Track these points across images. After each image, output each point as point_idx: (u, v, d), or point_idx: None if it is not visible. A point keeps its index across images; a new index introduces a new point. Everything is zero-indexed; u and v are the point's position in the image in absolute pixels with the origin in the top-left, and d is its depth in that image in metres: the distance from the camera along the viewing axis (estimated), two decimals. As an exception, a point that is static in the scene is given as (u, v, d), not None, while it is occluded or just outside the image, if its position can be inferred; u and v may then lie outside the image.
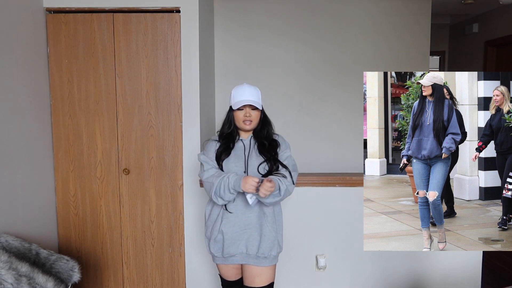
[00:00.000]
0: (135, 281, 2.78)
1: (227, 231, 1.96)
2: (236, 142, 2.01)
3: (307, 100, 3.77)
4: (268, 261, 2.00)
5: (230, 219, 1.96)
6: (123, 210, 2.73)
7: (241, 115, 1.95)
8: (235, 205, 1.96)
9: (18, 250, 1.86)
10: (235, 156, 1.98)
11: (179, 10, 2.60)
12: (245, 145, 2.01)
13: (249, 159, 1.97)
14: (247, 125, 1.95)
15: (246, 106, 1.94)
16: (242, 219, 1.96)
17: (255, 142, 2.01)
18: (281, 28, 3.72)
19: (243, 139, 2.02)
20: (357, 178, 2.69)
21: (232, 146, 1.99)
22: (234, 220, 1.96)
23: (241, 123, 1.96)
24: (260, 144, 1.99)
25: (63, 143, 2.68)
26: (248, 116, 1.94)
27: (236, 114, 1.96)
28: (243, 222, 1.96)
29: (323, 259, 2.73)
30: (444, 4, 4.51)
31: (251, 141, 2.02)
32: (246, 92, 1.93)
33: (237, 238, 1.97)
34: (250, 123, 1.95)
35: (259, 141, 1.99)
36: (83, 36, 2.61)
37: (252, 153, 1.98)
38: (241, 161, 1.97)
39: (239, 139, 2.03)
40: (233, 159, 1.97)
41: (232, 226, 1.96)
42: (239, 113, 1.95)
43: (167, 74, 2.64)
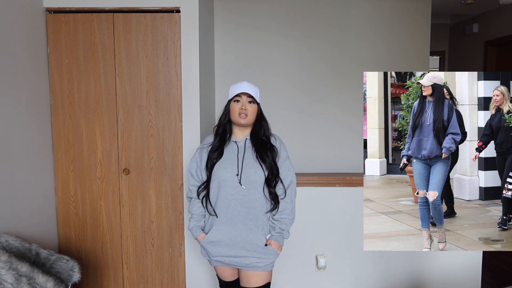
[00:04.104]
0: (135, 281, 2.78)
1: (214, 239, 1.90)
2: (228, 144, 1.92)
3: (306, 101, 3.77)
4: (263, 268, 1.92)
5: (219, 227, 1.89)
6: (123, 210, 2.73)
7: (237, 108, 1.86)
8: (225, 212, 1.88)
9: (18, 250, 1.85)
10: (226, 160, 1.88)
11: (179, 10, 2.60)
12: (239, 147, 1.90)
13: (244, 163, 1.87)
14: (242, 118, 1.85)
15: (243, 96, 1.86)
16: (231, 230, 1.89)
17: (252, 146, 1.90)
18: (280, 30, 3.72)
19: (237, 141, 1.92)
20: (357, 178, 2.69)
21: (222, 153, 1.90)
22: (223, 229, 1.89)
23: (236, 116, 1.86)
24: (258, 147, 1.89)
25: (63, 143, 2.68)
26: (244, 109, 1.85)
27: (232, 107, 1.88)
28: (232, 233, 1.89)
29: (323, 259, 2.73)
30: (444, 4, 4.51)
31: (246, 143, 1.91)
32: (244, 86, 1.88)
33: (227, 248, 1.90)
34: (246, 117, 1.86)
35: (257, 144, 1.89)
36: (83, 36, 2.61)
37: (249, 157, 1.88)
38: (233, 166, 1.87)
39: (232, 140, 1.93)
40: (223, 164, 1.88)
41: (221, 234, 1.89)
42: (235, 106, 1.87)
43: (167, 74, 2.64)
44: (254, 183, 1.85)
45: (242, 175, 1.85)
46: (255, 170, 1.86)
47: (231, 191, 1.86)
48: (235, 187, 1.85)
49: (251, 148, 1.90)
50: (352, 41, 3.75)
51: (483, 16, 4.89)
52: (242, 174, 1.85)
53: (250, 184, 1.85)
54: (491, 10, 4.70)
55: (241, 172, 1.85)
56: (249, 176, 1.85)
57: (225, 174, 1.86)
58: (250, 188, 1.85)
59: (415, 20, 3.77)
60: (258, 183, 1.86)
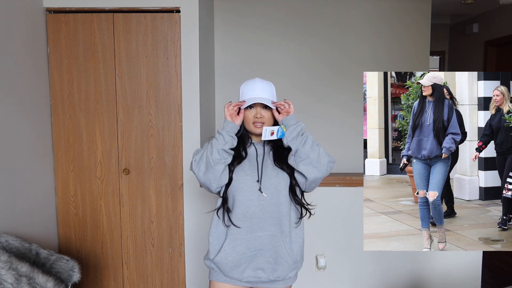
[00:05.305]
0: (135, 281, 2.78)
1: (231, 252, 1.65)
2: (248, 148, 1.71)
3: (307, 101, 3.76)
4: (284, 282, 1.70)
5: (237, 237, 1.65)
6: (123, 210, 2.73)
7: (251, 116, 1.64)
8: (242, 221, 1.65)
9: (18, 250, 1.85)
10: (245, 164, 1.69)
11: (179, 10, 2.60)
12: (258, 150, 1.70)
13: (264, 167, 1.67)
14: (258, 127, 1.64)
15: (257, 105, 1.64)
16: (251, 239, 1.65)
17: (270, 149, 1.71)
18: (280, 30, 3.72)
19: (255, 143, 1.72)
20: (357, 178, 2.69)
21: (245, 154, 1.69)
22: (242, 239, 1.65)
23: (251, 125, 1.65)
24: (276, 151, 1.69)
25: (63, 143, 2.68)
26: (260, 118, 1.63)
27: (246, 115, 1.66)
28: (252, 243, 1.65)
29: (323, 259, 2.73)
30: (444, 4, 4.51)
31: (264, 147, 1.71)
32: (257, 88, 1.64)
33: (244, 261, 1.66)
34: (262, 126, 1.64)
35: (276, 147, 1.69)
36: (83, 36, 2.61)
37: (267, 161, 1.69)
38: (253, 170, 1.67)
39: (251, 142, 1.72)
40: (241, 167, 1.67)
41: (238, 246, 1.65)
42: (249, 114, 1.65)
43: (167, 74, 2.64)
44: (277, 186, 1.65)
45: (263, 181, 1.65)
46: (277, 173, 1.66)
47: (250, 196, 1.65)
48: (254, 192, 1.64)
49: (269, 152, 1.71)
50: (352, 41, 3.75)
51: (483, 16, 4.89)
52: (263, 180, 1.65)
53: (272, 188, 1.65)
54: (491, 10, 4.70)
55: (261, 177, 1.65)
56: (271, 179, 1.65)
57: (243, 177, 1.65)
58: (272, 193, 1.65)
59: (415, 20, 3.78)
60: (282, 186, 1.66)
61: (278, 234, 1.66)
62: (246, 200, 1.64)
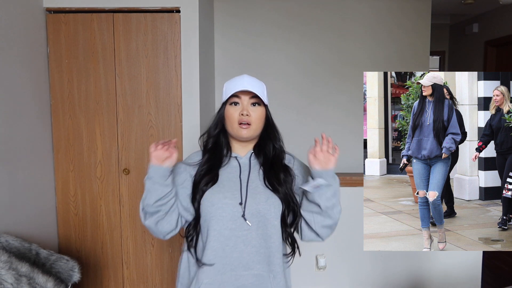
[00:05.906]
0: (135, 281, 2.78)
1: None
2: (226, 162, 1.33)
3: (306, 102, 3.76)
4: None
5: (215, 278, 1.27)
6: (123, 210, 2.73)
7: (236, 114, 1.27)
8: (221, 257, 1.27)
9: (18, 250, 1.85)
10: (224, 182, 1.29)
11: (179, 10, 2.60)
12: (241, 165, 1.33)
13: (249, 187, 1.28)
14: (244, 129, 1.27)
15: (243, 97, 1.29)
16: (231, 280, 1.27)
17: (259, 164, 1.33)
18: (279, 33, 3.71)
19: (237, 156, 1.34)
20: (357, 178, 2.70)
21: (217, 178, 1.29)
22: (217, 280, 1.27)
23: (235, 127, 1.28)
24: (267, 167, 1.32)
25: (63, 143, 2.68)
26: (246, 116, 1.27)
27: (229, 113, 1.29)
28: (233, 284, 1.28)
29: (323, 259, 2.73)
30: (444, 4, 4.52)
31: (251, 160, 1.34)
32: (244, 82, 1.30)
33: None
34: (249, 127, 1.28)
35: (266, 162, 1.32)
36: (83, 36, 2.61)
37: (255, 179, 1.31)
38: (235, 190, 1.28)
39: (231, 156, 1.34)
40: (218, 187, 1.28)
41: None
42: (233, 111, 1.28)
43: (167, 74, 2.64)
44: (266, 215, 1.28)
45: (247, 205, 1.27)
46: (267, 197, 1.29)
47: (230, 225, 1.27)
48: (236, 219, 1.27)
49: (258, 167, 1.34)
50: (351, 41, 3.75)
51: (483, 16, 4.89)
52: (247, 204, 1.27)
53: (259, 216, 1.27)
54: (491, 10, 4.70)
55: (246, 200, 1.27)
56: (259, 205, 1.27)
57: (221, 201, 1.27)
58: (259, 222, 1.28)
59: (415, 20, 3.77)
60: (272, 214, 1.29)
61: (265, 274, 1.29)
62: (224, 229, 1.27)
